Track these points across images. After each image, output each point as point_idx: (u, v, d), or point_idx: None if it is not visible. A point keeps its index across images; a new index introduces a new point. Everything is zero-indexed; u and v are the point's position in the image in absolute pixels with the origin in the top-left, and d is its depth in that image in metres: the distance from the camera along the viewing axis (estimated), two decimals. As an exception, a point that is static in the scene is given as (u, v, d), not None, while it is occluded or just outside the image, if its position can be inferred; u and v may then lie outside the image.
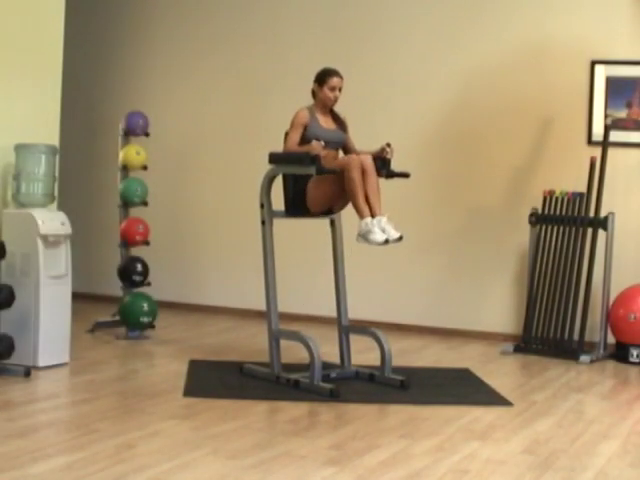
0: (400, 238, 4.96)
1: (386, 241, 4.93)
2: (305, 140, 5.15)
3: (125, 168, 6.64)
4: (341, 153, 5.40)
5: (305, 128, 5.18)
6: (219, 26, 7.72)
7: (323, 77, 5.26)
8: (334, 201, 5.24)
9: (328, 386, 4.91)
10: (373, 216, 4.97)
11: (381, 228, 4.94)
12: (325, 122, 5.29)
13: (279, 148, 5.27)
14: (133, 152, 6.62)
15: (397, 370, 5.29)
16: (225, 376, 5.29)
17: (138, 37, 8.03)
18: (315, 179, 5.14)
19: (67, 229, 5.41)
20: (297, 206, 5.25)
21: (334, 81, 5.24)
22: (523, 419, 4.59)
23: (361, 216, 4.99)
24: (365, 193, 4.99)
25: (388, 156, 5.23)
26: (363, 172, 4.99)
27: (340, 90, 5.26)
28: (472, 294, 6.98)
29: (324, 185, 5.14)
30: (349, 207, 5.40)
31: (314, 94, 5.32)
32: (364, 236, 4.95)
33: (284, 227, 5.45)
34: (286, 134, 5.26)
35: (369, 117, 6.95)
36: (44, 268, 5.26)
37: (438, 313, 7.06)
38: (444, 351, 6.45)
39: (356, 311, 5.92)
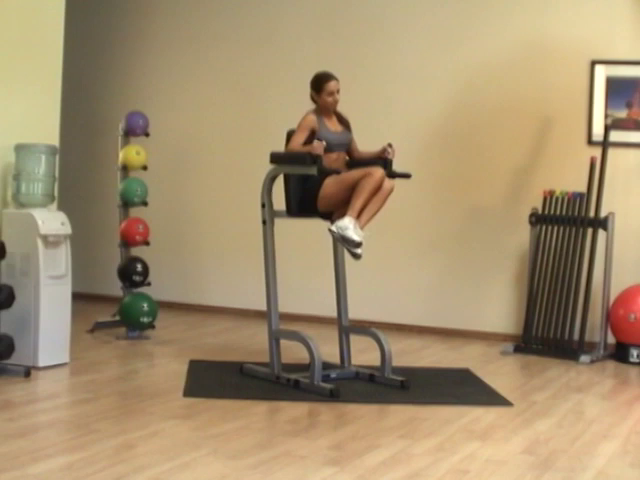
0: (359, 243, 5.01)
1: (358, 245, 4.97)
2: (310, 142, 5.10)
3: (125, 168, 6.64)
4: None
5: (313, 132, 5.13)
6: (219, 26, 7.72)
7: (319, 84, 5.21)
8: (342, 206, 5.17)
9: (328, 386, 4.91)
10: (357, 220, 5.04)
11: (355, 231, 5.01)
12: (332, 125, 5.27)
13: (279, 148, 5.26)
14: (133, 152, 6.62)
15: (397, 370, 5.29)
16: (225, 376, 5.29)
17: (138, 37, 8.02)
18: (336, 178, 5.10)
19: (67, 229, 5.41)
20: (305, 203, 5.22)
21: (331, 85, 5.20)
22: (523, 419, 4.59)
23: (351, 213, 4.98)
24: (366, 202, 5.01)
25: (389, 157, 5.24)
26: (378, 188, 4.99)
27: (338, 92, 5.23)
28: (472, 294, 6.98)
29: (342, 186, 5.08)
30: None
31: (313, 99, 5.29)
32: (342, 229, 4.94)
33: (285, 227, 5.45)
34: (288, 134, 5.25)
35: (370, 118, 6.94)
36: (44, 268, 5.26)
37: (438, 313, 7.06)
38: (444, 351, 6.45)
39: (356, 311, 5.91)
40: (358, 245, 4.97)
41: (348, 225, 4.94)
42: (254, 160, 6.28)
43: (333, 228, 4.98)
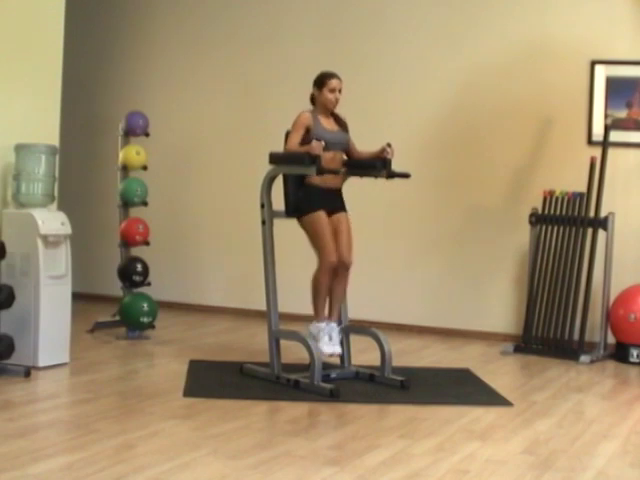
0: (338, 355, 5.26)
1: (330, 355, 5.17)
2: (308, 142, 5.12)
3: (125, 168, 6.64)
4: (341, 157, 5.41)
5: (308, 131, 5.15)
6: (219, 27, 7.72)
7: (322, 80, 5.25)
8: None
9: (328, 386, 4.91)
10: (329, 318, 5.22)
11: (330, 336, 5.16)
12: (328, 124, 5.28)
13: (279, 148, 5.27)
14: (133, 152, 6.62)
15: (397, 370, 5.29)
16: (225, 376, 5.29)
17: (138, 37, 8.02)
18: (315, 229, 5.16)
19: (67, 229, 5.41)
20: (298, 208, 5.26)
21: (333, 83, 5.23)
22: (523, 419, 4.59)
23: (315, 317, 5.21)
24: (330, 294, 5.21)
25: (389, 156, 5.24)
26: (336, 273, 5.16)
27: (340, 92, 5.26)
28: (472, 294, 6.98)
29: (313, 237, 5.20)
30: (352, 204, 5.40)
31: (313, 100, 5.31)
32: (315, 340, 5.12)
33: (284, 227, 5.45)
34: (286, 134, 5.26)
35: (369, 118, 6.94)
36: (44, 268, 5.26)
37: (438, 313, 7.06)
38: (444, 351, 6.45)
39: (356, 311, 5.91)
40: (332, 356, 5.18)
41: (320, 336, 5.12)
42: (254, 160, 6.27)
43: (307, 338, 5.08)
